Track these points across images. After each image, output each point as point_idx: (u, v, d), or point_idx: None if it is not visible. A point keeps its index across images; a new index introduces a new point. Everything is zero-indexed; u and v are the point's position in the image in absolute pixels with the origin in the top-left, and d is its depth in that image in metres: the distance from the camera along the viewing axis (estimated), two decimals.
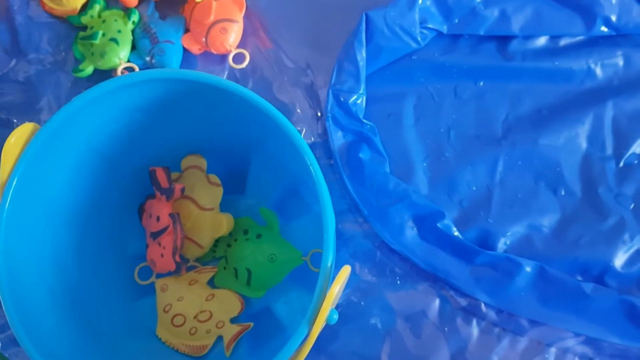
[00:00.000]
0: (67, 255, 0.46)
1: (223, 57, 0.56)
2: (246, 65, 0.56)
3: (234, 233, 0.51)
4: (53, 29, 0.58)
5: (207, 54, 0.56)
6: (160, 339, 0.49)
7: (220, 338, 0.49)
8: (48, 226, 0.45)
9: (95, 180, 0.47)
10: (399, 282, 0.50)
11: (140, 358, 0.47)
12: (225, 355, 0.48)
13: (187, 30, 0.56)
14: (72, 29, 0.58)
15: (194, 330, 0.49)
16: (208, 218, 0.50)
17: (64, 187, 0.45)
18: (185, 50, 0.56)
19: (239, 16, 0.55)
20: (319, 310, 0.36)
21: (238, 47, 0.56)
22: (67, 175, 0.45)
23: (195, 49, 0.55)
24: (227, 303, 0.49)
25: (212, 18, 0.54)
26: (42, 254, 0.44)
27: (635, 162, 0.52)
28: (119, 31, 0.55)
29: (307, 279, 0.47)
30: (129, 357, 0.46)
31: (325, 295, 0.36)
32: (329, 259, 0.38)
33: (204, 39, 0.54)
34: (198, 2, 0.55)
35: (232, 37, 0.55)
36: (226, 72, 0.56)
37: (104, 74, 0.56)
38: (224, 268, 0.51)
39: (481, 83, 0.55)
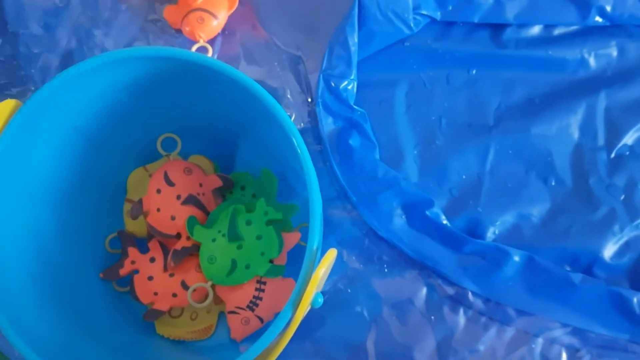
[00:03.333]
0: (49, 236, 0.45)
1: (212, 38, 0.56)
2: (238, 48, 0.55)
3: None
4: (41, 7, 0.57)
5: None
6: (163, 336, 0.48)
7: (222, 314, 0.49)
8: (29, 206, 0.44)
9: (78, 160, 0.46)
10: (386, 269, 0.50)
11: (123, 340, 0.47)
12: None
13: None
14: (61, 8, 0.57)
15: (194, 316, 0.48)
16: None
17: (46, 167, 0.44)
18: None
19: (223, 14, 0.54)
20: (303, 293, 0.35)
21: (208, 42, 0.55)
22: (49, 155, 0.44)
23: (172, 22, 0.55)
24: None
25: (198, 3, 0.53)
26: (22, 235, 0.43)
27: (627, 153, 0.52)
28: None
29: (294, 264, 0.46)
30: (112, 339, 0.46)
31: (310, 278, 0.35)
32: (315, 242, 0.37)
33: (180, 19, 0.54)
34: None
35: (206, 29, 0.54)
36: (215, 55, 0.55)
37: None
38: None
39: (474, 71, 0.54)
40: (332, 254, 0.36)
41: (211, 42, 0.55)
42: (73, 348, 0.42)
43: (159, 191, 0.48)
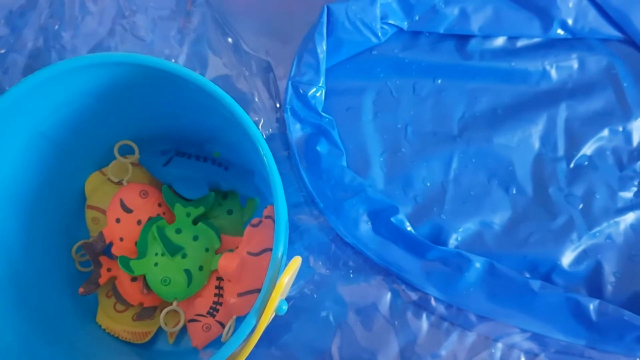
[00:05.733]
0: (13, 240, 0.44)
1: (182, 40, 0.55)
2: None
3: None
4: (8, 7, 0.56)
5: (164, 35, 0.55)
6: (100, 326, 0.48)
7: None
8: None
9: (44, 165, 0.46)
10: (352, 275, 0.51)
11: (85, 345, 0.46)
12: (169, 343, 0.48)
13: None
14: (28, 8, 0.56)
15: (136, 317, 0.48)
16: None
17: (12, 171, 0.44)
18: None
19: None
20: (267, 300, 0.36)
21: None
22: (14, 159, 0.44)
23: None
24: None
25: None
26: None
27: (586, 163, 0.53)
28: None
29: None
30: (74, 344, 0.45)
31: (274, 286, 0.36)
32: (280, 249, 0.37)
33: None
34: None
35: None
36: (184, 58, 0.55)
37: None
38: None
39: (439, 81, 0.55)
40: (296, 262, 0.37)
41: (180, 46, 0.55)
42: (35, 353, 0.41)
43: (118, 220, 0.47)
